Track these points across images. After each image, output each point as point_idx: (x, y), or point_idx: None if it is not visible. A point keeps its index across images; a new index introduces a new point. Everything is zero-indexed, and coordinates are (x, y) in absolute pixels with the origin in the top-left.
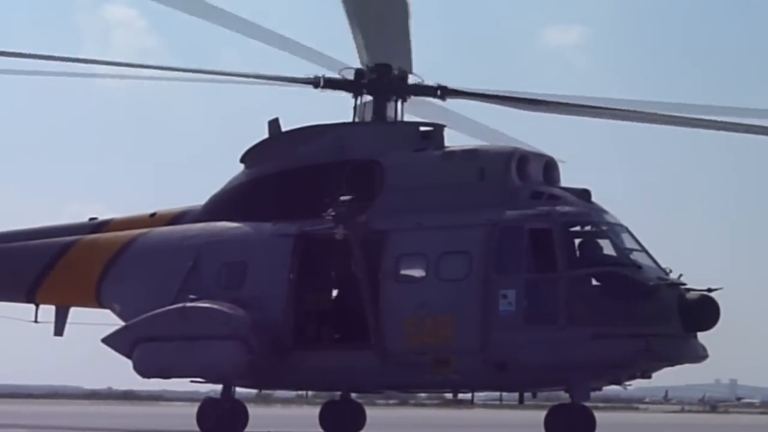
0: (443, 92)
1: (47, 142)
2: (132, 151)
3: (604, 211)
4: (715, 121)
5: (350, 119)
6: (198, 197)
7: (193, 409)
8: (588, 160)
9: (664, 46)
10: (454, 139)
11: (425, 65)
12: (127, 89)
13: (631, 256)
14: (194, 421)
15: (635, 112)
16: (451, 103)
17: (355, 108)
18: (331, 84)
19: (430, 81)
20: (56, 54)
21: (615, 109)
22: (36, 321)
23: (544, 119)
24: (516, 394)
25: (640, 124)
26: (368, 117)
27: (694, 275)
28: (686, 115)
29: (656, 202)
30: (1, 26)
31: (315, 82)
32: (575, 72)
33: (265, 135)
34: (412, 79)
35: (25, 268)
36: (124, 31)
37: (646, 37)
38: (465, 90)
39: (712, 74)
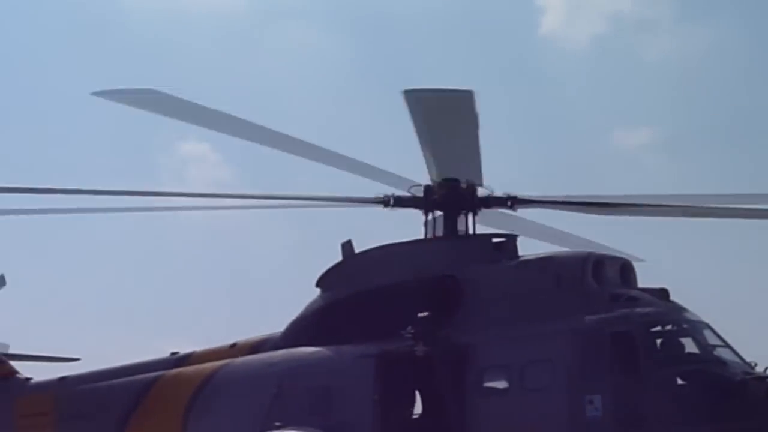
0: (513, 202)
1: (129, 279)
2: (210, 282)
3: (684, 310)
4: None
5: (421, 235)
6: (277, 324)
7: None
8: (667, 257)
9: (730, 140)
10: (527, 246)
11: (494, 174)
12: (204, 221)
13: (715, 353)
14: None
15: (709, 208)
16: (522, 211)
17: (426, 224)
18: (400, 202)
19: (499, 191)
20: (135, 189)
21: (687, 206)
22: None
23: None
24: None
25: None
26: (439, 232)
27: None
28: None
29: (738, 296)
30: (84, 170)
31: (385, 201)
32: (646, 172)
33: (339, 257)
34: (481, 191)
35: (112, 408)
36: (198, 165)
37: (715, 132)
38: (535, 198)
39: None
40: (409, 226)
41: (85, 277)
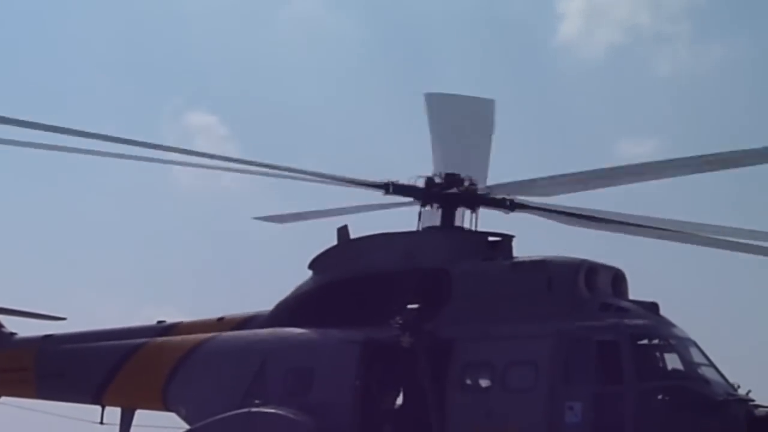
0: (512, 205)
1: (127, 245)
2: (203, 254)
3: (672, 325)
4: None
5: (417, 226)
6: (266, 303)
7: None
8: (657, 278)
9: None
10: (522, 247)
11: (496, 174)
12: (204, 190)
13: (699, 371)
14: None
15: (705, 237)
16: (520, 211)
17: (422, 216)
18: (400, 190)
19: (499, 192)
20: (137, 139)
21: (683, 233)
22: (102, 422)
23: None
24: None
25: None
26: (436, 225)
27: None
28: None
29: (725, 322)
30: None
31: (385, 187)
32: (648, 185)
33: (334, 242)
34: (481, 190)
35: (94, 370)
36: (205, 137)
37: (718, 145)
38: (534, 204)
39: None
40: (406, 216)
41: (81, 240)
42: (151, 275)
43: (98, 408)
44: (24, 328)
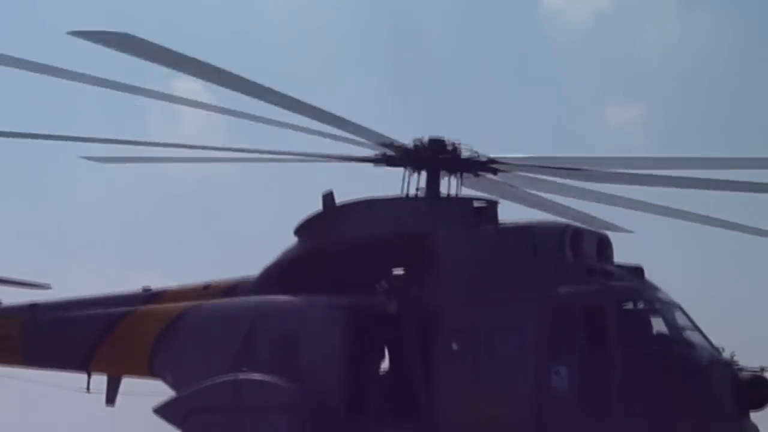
0: (496, 166)
1: (112, 211)
2: (189, 222)
3: (657, 289)
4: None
5: (402, 193)
6: (251, 268)
7: None
8: (646, 231)
9: (720, 118)
10: (507, 211)
11: (481, 140)
12: (190, 165)
13: (684, 335)
14: None
15: (690, 179)
16: (505, 176)
17: (407, 182)
18: (385, 159)
19: (484, 155)
20: (126, 138)
21: (670, 177)
22: (88, 390)
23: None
24: None
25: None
26: (421, 191)
27: (747, 353)
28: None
29: (711, 277)
30: (72, 101)
31: (369, 157)
32: (634, 148)
33: (319, 207)
34: (465, 154)
35: (80, 337)
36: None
37: (704, 111)
38: (517, 163)
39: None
40: (390, 182)
41: (64, 205)
42: (136, 240)
43: (84, 376)
44: (7, 297)
